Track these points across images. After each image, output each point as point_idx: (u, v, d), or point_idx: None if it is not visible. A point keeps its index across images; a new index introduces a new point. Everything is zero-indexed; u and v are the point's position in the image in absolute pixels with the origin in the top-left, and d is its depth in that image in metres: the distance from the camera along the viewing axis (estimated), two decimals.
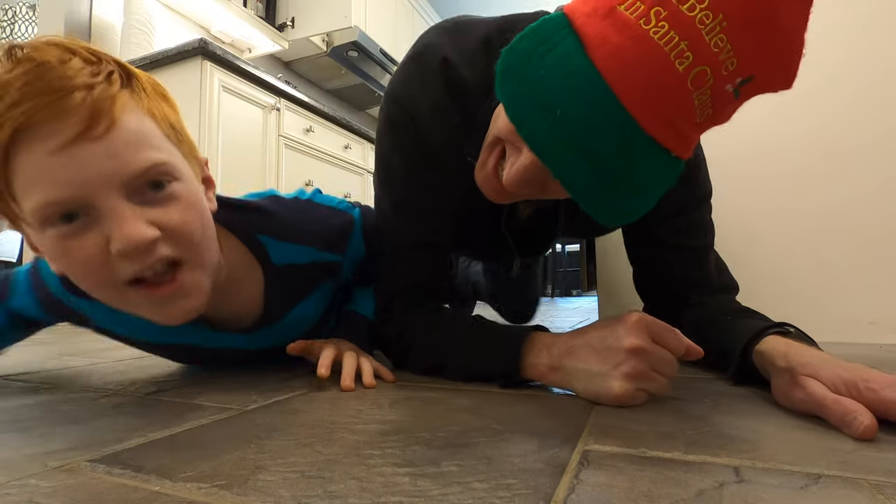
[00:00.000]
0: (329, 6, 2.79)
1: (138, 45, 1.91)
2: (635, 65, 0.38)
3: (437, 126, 0.60)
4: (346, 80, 3.19)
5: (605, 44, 0.39)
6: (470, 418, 0.43)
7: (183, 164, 0.48)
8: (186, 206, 0.46)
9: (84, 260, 0.43)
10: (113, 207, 0.42)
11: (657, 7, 0.37)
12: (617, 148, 0.40)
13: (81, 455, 0.35)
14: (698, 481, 0.29)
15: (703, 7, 0.36)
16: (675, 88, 0.38)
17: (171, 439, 0.38)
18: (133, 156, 0.42)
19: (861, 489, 0.27)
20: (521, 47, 0.42)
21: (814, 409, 0.40)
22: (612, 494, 0.27)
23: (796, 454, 0.33)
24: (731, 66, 0.37)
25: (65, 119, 0.39)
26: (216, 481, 0.29)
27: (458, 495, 0.27)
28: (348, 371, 0.57)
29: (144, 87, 0.46)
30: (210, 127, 1.73)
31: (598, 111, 0.39)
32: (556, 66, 0.40)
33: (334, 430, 0.40)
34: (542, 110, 0.40)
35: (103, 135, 0.41)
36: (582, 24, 0.41)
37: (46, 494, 0.28)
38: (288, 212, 0.62)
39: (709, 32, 0.36)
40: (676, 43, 0.36)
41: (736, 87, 0.39)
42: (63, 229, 0.42)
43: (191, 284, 0.48)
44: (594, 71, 0.39)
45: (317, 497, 0.27)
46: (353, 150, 2.56)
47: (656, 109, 0.39)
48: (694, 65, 0.37)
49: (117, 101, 0.42)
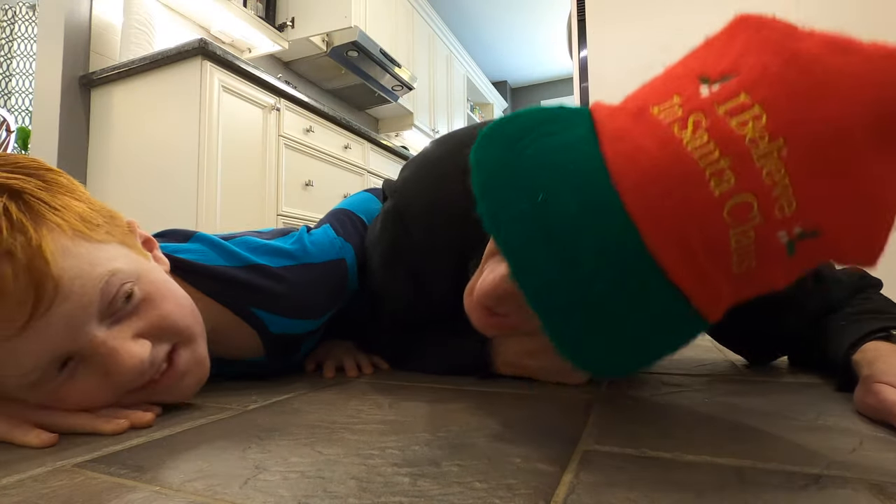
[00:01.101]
0: (329, 6, 2.79)
1: (138, 45, 1.91)
2: (655, 171, 0.29)
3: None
4: (346, 80, 3.19)
5: (622, 139, 0.31)
6: (470, 418, 0.43)
7: (125, 254, 0.43)
8: (159, 299, 0.44)
9: (89, 396, 0.41)
10: (97, 343, 0.39)
11: (698, 114, 0.29)
12: (609, 266, 0.30)
13: (81, 455, 0.35)
14: (698, 481, 0.29)
15: (760, 126, 0.28)
16: (706, 215, 0.28)
17: (171, 439, 0.38)
18: (91, 288, 0.39)
19: (861, 489, 0.27)
20: (517, 124, 0.35)
21: (885, 417, 0.39)
22: (613, 494, 0.27)
23: (796, 454, 0.33)
24: (788, 209, 0.28)
25: (4, 306, 0.35)
26: (216, 481, 0.29)
27: (458, 495, 0.27)
28: (350, 365, 0.68)
29: (39, 198, 0.39)
30: (210, 127, 1.73)
31: (593, 209, 0.30)
32: (554, 149, 0.32)
33: (334, 430, 0.40)
34: (522, 191, 0.31)
35: (53, 301, 0.36)
36: (603, 116, 0.33)
37: (46, 494, 0.28)
38: (281, 286, 0.57)
39: (761, 157, 0.27)
40: (716, 159, 0.28)
41: (793, 238, 0.29)
42: (58, 380, 0.39)
43: (189, 361, 0.46)
44: (600, 162, 0.30)
45: (317, 497, 0.27)
46: (353, 150, 2.56)
47: (674, 234, 0.29)
48: (735, 191, 0.28)
49: (46, 252, 0.36)
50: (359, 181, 2.60)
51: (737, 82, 0.29)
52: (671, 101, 0.31)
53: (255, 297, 0.56)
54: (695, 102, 0.30)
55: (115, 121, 1.87)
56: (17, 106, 2.33)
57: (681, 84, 0.32)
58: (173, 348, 0.45)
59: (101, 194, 1.82)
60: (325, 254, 0.62)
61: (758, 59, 0.30)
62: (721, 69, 0.31)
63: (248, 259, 0.56)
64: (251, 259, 0.56)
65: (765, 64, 0.29)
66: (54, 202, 0.39)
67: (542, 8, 4.13)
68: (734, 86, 0.29)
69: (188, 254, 0.54)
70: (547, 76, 5.43)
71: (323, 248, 0.63)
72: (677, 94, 0.31)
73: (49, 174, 0.41)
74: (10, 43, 2.37)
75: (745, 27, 0.33)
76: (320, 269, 0.61)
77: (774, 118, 0.28)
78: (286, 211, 2.05)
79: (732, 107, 0.29)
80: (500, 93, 5.44)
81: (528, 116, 0.35)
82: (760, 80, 0.29)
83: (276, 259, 0.58)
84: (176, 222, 1.66)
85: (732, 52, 0.32)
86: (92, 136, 1.90)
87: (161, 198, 1.73)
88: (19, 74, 2.34)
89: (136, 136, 1.83)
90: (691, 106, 0.30)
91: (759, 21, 0.32)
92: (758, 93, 0.28)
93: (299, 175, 2.16)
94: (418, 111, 3.81)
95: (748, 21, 0.33)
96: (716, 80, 0.31)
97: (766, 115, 0.28)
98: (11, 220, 0.36)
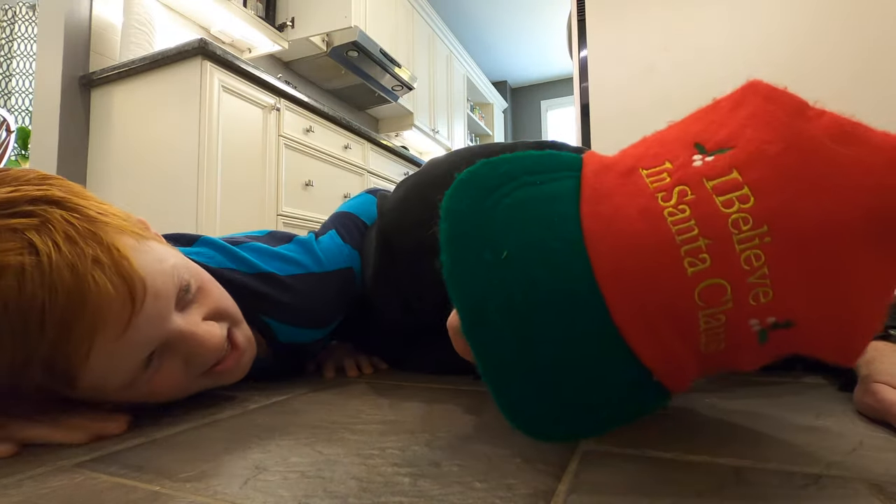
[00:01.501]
0: (329, 6, 2.79)
1: (138, 45, 1.91)
2: (629, 240, 0.28)
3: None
4: (346, 80, 3.19)
5: (603, 201, 0.29)
6: (470, 418, 0.43)
7: (165, 248, 0.44)
8: (209, 286, 0.47)
9: (176, 383, 0.44)
10: (180, 331, 0.42)
11: (684, 186, 0.28)
12: (567, 331, 0.28)
13: (81, 455, 0.35)
14: (698, 481, 0.29)
15: (746, 208, 0.26)
16: (675, 293, 0.27)
17: (171, 439, 0.38)
18: (168, 282, 0.41)
19: (861, 489, 0.27)
20: (500, 170, 0.33)
21: (884, 416, 0.39)
22: (613, 494, 0.27)
23: (796, 454, 0.33)
24: (764, 298, 0.27)
25: (111, 309, 0.36)
26: (216, 481, 0.29)
27: (458, 495, 0.27)
28: (350, 365, 0.69)
29: (79, 204, 0.38)
30: (210, 127, 1.73)
31: (560, 273, 0.28)
32: (531, 203, 0.31)
33: (334, 430, 0.40)
34: (487, 243, 0.29)
35: (144, 298, 0.38)
36: (591, 171, 0.32)
37: (46, 494, 0.28)
38: (290, 295, 0.57)
39: (742, 242, 0.26)
40: (694, 237, 0.27)
41: (765, 327, 0.28)
42: (147, 374, 0.41)
43: (244, 340, 0.49)
44: (576, 224, 0.29)
45: (317, 497, 0.27)
46: (353, 150, 2.56)
47: (639, 305, 0.28)
48: (709, 274, 0.27)
49: (126, 253, 0.38)
50: (359, 181, 2.60)
51: (731, 157, 0.28)
52: (662, 167, 0.30)
53: (263, 305, 0.55)
54: (684, 172, 0.29)
55: (115, 121, 1.87)
56: (17, 106, 2.33)
57: (675, 149, 0.31)
58: (229, 330, 0.48)
59: (102, 194, 1.81)
60: (335, 263, 0.62)
61: (757, 135, 0.28)
62: (719, 139, 0.30)
63: (257, 266, 0.56)
64: (261, 266, 0.56)
65: (764, 142, 0.28)
66: (91, 206, 0.39)
67: (542, 8, 4.13)
68: (727, 160, 0.28)
69: (196, 257, 0.54)
70: (547, 76, 5.43)
71: (332, 256, 0.62)
72: (669, 160, 0.30)
73: (61, 181, 0.41)
74: (10, 43, 2.37)
75: (753, 95, 0.31)
76: (329, 279, 0.61)
77: (762, 203, 0.26)
78: (286, 211, 2.05)
79: (721, 183, 0.27)
80: (500, 93, 5.43)
81: (513, 162, 0.33)
82: (756, 159, 0.28)
83: (286, 267, 0.58)
84: (176, 222, 1.67)
85: (734, 122, 0.30)
86: (92, 136, 1.90)
87: (161, 198, 1.73)
88: (19, 74, 2.34)
89: (136, 136, 1.83)
90: (680, 175, 0.29)
91: (769, 92, 0.31)
92: (750, 173, 0.27)
93: (299, 175, 2.16)
94: (418, 111, 3.81)
95: (758, 89, 0.31)
96: (711, 151, 0.29)
97: (753, 198, 0.27)
98: (76, 228, 0.36)
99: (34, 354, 0.35)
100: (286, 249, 0.59)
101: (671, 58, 1.11)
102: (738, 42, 1.07)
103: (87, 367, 0.37)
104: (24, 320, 0.33)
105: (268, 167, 1.99)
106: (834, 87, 0.99)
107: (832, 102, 0.97)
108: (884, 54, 0.97)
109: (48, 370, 0.36)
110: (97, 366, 0.37)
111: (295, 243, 0.62)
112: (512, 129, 5.67)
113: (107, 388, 0.39)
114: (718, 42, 1.08)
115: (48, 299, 0.33)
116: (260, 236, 0.65)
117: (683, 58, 1.11)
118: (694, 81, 1.09)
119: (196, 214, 1.66)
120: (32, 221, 0.35)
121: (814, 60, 1.00)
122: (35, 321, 0.33)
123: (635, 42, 1.16)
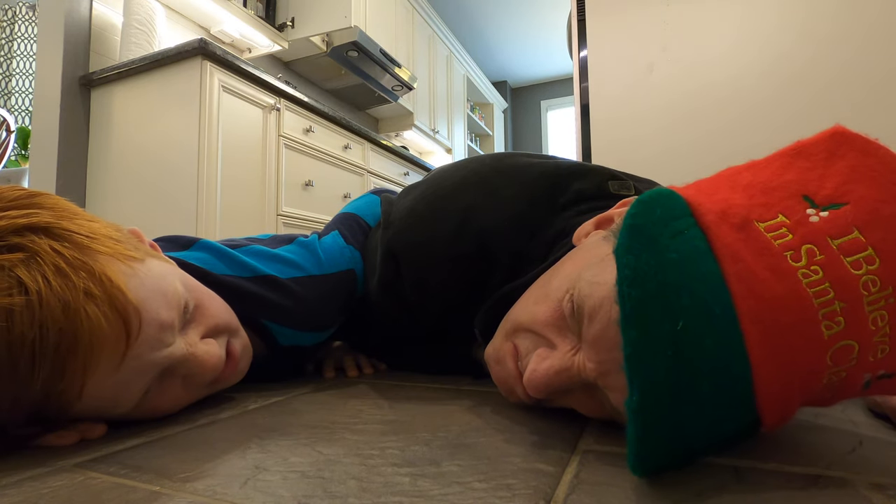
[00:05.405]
0: (329, 6, 2.79)
1: (138, 45, 1.90)
2: (776, 307, 0.27)
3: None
4: (346, 80, 3.19)
5: (738, 262, 0.28)
6: (470, 418, 0.43)
7: (161, 266, 0.43)
8: (206, 302, 0.46)
9: (178, 400, 0.45)
10: (181, 353, 0.41)
11: (811, 245, 0.28)
12: (717, 393, 0.28)
13: (81, 455, 0.35)
14: (698, 481, 0.29)
15: (872, 270, 0.27)
16: (813, 357, 0.28)
17: (171, 439, 0.38)
18: (165, 308, 0.40)
19: (861, 489, 0.27)
20: (654, 216, 0.31)
21: (888, 411, 0.39)
22: (612, 494, 0.27)
23: (796, 454, 0.33)
24: (881, 354, 0.28)
25: (105, 344, 0.35)
26: (216, 481, 0.29)
27: (458, 495, 0.27)
28: (350, 365, 0.69)
29: (67, 229, 0.37)
30: (210, 127, 1.73)
31: (718, 341, 0.27)
32: (688, 259, 0.29)
33: (334, 430, 0.40)
34: (667, 313, 0.27)
35: (140, 327, 0.37)
36: (709, 221, 0.30)
37: (46, 494, 0.28)
38: (291, 299, 0.56)
39: (871, 303, 0.27)
40: (830, 300, 0.27)
41: (874, 378, 0.30)
42: (151, 394, 0.41)
43: (241, 349, 0.49)
44: (724, 289, 0.28)
45: (317, 497, 0.27)
46: (353, 150, 2.56)
47: (783, 371, 0.28)
48: (842, 336, 0.27)
49: (117, 282, 0.36)
50: (359, 181, 2.60)
51: (850, 216, 0.29)
52: (776, 220, 0.30)
53: (264, 309, 0.55)
54: (806, 229, 0.29)
55: (115, 121, 1.87)
56: (17, 106, 2.33)
57: (783, 200, 0.31)
58: (227, 341, 0.48)
59: (101, 195, 1.82)
60: (336, 264, 0.61)
61: (869, 193, 0.29)
62: (827, 193, 0.30)
63: (256, 269, 0.55)
64: (260, 269, 0.55)
65: (878, 201, 0.29)
66: (81, 230, 0.38)
67: (543, 8, 4.13)
68: (847, 218, 0.28)
69: (194, 262, 0.53)
70: (547, 76, 5.43)
71: (333, 257, 0.61)
72: (782, 213, 0.30)
73: (47, 200, 0.39)
74: (10, 43, 2.37)
75: (848, 147, 0.31)
76: (331, 281, 0.60)
77: (887, 265, 0.27)
78: (286, 211, 2.05)
79: (846, 243, 0.28)
80: (500, 93, 5.43)
81: (658, 202, 0.31)
82: (874, 220, 0.28)
83: (285, 269, 0.57)
84: (176, 222, 1.67)
85: (836, 174, 0.31)
86: (92, 136, 1.90)
87: (161, 198, 1.73)
88: (19, 74, 2.34)
89: (136, 136, 1.82)
90: (803, 233, 0.28)
91: (865, 144, 0.31)
92: (872, 234, 0.28)
93: (299, 175, 2.16)
94: (418, 111, 3.81)
95: (851, 141, 0.32)
96: (823, 206, 0.30)
97: (879, 260, 0.27)
98: (66, 258, 0.35)
99: (25, 394, 0.34)
100: (286, 251, 0.59)
101: (671, 58, 1.11)
102: (738, 42, 1.07)
103: (81, 402, 0.36)
104: (13, 360, 0.32)
105: (268, 167, 1.99)
106: (834, 87, 0.99)
107: (832, 102, 0.97)
108: (884, 54, 0.97)
109: (41, 408, 0.36)
110: (93, 398, 0.37)
111: (296, 244, 0.61)
112: (512, 130, 5.67)
113: (105, 416, 0.40)
114: (718, 42, 1.08)
115: (38, 338, 0.32)
116: (262, 240, 0.64)
117: (683, 58, 1.11)
118: (694, 81, 1.09)
119: (196, 214, 1.66)
120: (19, 256, 0.33)
121: (814, 60, 1.00)
122: (26, 361, 0.33)
123: (635, 42, 1.16)
